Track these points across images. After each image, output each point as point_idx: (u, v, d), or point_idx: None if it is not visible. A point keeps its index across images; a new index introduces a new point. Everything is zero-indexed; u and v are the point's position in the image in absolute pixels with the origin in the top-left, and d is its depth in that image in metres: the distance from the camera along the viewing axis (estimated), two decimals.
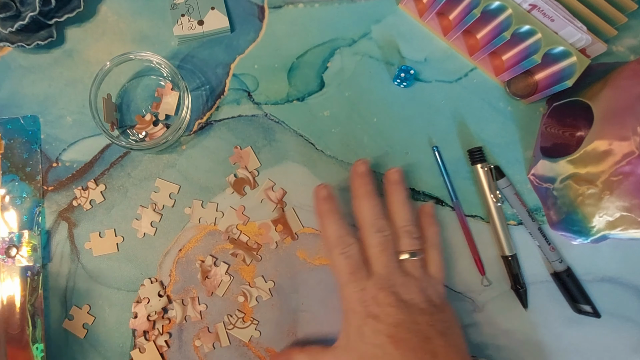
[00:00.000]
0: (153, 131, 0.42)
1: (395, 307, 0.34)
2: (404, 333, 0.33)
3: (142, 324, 0.40)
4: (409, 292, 0.35)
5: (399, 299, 0.34)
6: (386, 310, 0.33)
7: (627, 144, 0.35)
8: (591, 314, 0.41)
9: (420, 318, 0.34)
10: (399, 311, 0.33)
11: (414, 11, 0.46)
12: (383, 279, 0.35)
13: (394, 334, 0.33)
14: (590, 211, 0.38)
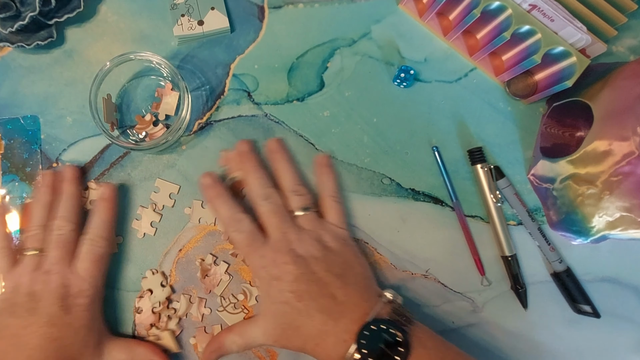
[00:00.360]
0: (153, 131, 0.42)
1: (292, 264, 0.36)
2: (304, 285, 0.35)
3: (147, 318, 0.40)
4: (304, 246, 0.37)
5: (295, 255, 0.36)
6: (285, 269, 0.36)
7: (627, 144, 0.35)
8: (591, 314, 0.41)
9: (317, 267, 0.36)
10: (296, 267, 0.36)
11: (414, 11, 0.46)
12: (278, 241, 0.37)
13: (295, 288, 0.35)
14: (590, 211, 0.38)
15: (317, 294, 0.35)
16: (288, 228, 0.38)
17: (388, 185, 0.43)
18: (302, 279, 0.35)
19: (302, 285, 0.35)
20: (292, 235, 0.37)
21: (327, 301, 0.35)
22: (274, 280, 0.36)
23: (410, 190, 0.43)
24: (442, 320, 0.42)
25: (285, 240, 0.37)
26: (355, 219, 0.43)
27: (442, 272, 0.42)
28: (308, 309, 0.35)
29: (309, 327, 0.35)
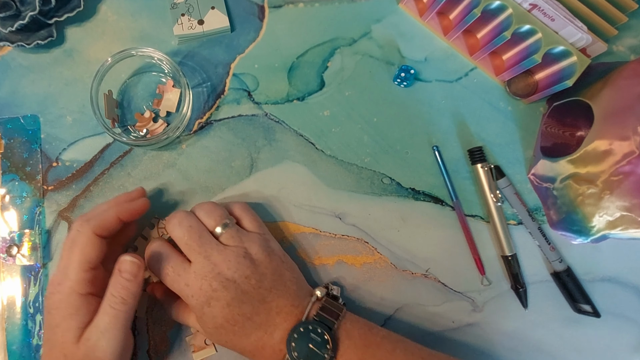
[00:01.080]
0: (153, 128, 0.42)
1: (221, 290, 0.34)
2: (236, 309, 0.34)
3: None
4: (230, 267, 0.34)
5: (224, 279, 0.34)
6: (215, 295, 0.34)
7: (628, 144, 0.35)
8: (591, 314, 0.41)
9: (248, 286, 0.34)
10: (226, 292, 0.34)
11: (414, 11, 0.46)
12: (202, 268, 0.34)
13: (228, 313, 0.34)
14: (590, 211, 0.38)
15: (251, 313, 0.34)
16: (211, 250, 0.35)
17: (388, 184, 0.43)
18: (234, 303, 0.34)
19: (235, 309, 0.34)
20: (217, 257, 0.34)
21: (262, 318, 0.34)
22: (205, 307, 0.34)
23: (410, 189, 0.43)
24: (442, 320, 0.42)
25: (210, 265, 0.34)
26: (355, 218, 0.43)
27: (442, 271, 0.42)
28: (244, 330, 0.34)
29: (245, 344, 0.35)
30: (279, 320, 0.35)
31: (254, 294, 0.35)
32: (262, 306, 0.35)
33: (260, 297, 0.35)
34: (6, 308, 0.40)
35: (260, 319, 0.34)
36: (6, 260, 0.40)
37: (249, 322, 0.34)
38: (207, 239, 0.35)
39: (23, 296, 0.40)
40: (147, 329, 0.40)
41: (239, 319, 0.34)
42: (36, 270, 0.40)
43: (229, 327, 0.34)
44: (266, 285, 0.35)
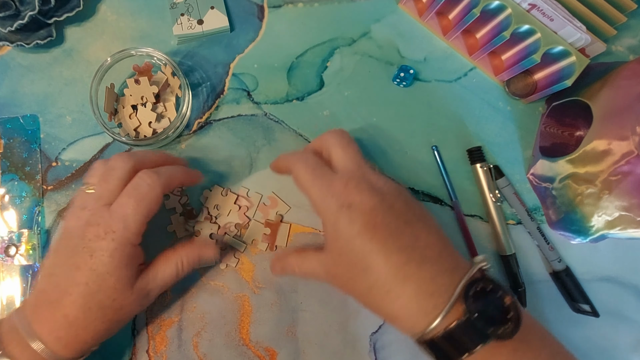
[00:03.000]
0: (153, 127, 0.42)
1: (368, 192, 0.30)
2: (380, 217, 0.29)
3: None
4: (380, 180, 0.32)
5: (370, 185, 0.31)
6: (359, 197, 0.30)
7: (626, 144, 0.35)
8: (590, 313, 0.41)
9: (397, 203, 0.31)
10: (372, 195, 0.30)
11: (414, 11, 0.46)
12: (352, 171, 0.32)
13: (370, 219, 0.29)
14: (589, 211, 0.38)
15: (396, 231, 0.29)
16: (363, 162, 0.33)
17: None
18: (379, 211, 0.29)
19: (379, 217, 0.29)
20: (366, 169, 0.32)
21: (409, 241, 0.29)
22: (344, 209, 0.30)
23: (409, 189, 0.43)
24: None
25: (360, 171, 0.32)
26: None
27: None
28: (384, 246, 0.29)
29: (382, 269, 0.28)
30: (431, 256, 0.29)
31: (402, 212, 0.30)
32: (409, 228, 0.30)
33: (407, 219, 0.30)
34: (5, 308, 0.40)
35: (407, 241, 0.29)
36: (5, 260, 0.40)
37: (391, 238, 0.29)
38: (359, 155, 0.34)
39: (22, 296, 0.40)
40: (147, 329, 0.40)
41: (381, 228, 0.29)
42: (35, 270, 0.40)
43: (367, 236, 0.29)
44: (415, 212, 0.31)
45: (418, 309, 0.28)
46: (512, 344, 0.27)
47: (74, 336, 0.32)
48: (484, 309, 0.27)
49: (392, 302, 0.29)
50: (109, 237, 0.32)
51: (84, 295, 0.32)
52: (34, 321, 0.32)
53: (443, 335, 0.27)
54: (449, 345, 0.28)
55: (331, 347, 0.40)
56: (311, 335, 0.41)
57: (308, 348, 0.40)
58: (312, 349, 0.40)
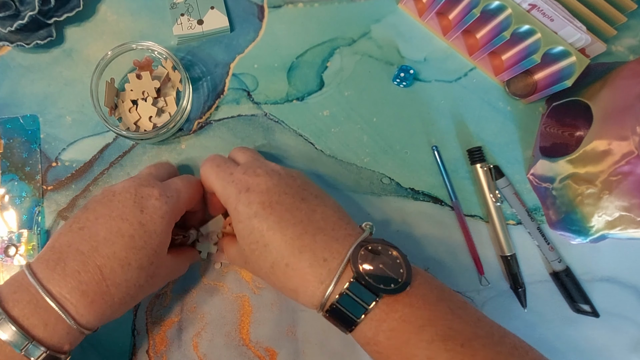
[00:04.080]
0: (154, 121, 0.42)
1: (264, 175, 0.32)
2: (276, 196, 0.31)
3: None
4: (278, 166, 0.34)
5: (268, 169, 0.33)
6: (256, 180, 0.32)
7: (626, 144, 0.35)
8: (590, 314, 0.41)
9: (294, 182, 0.32)
10: (268, 178, 0.32)
11: (414, 11, 0.46)
12: (251, 161, 0.34)
13: (266, 199, 0.31)
14: (589, 211, 0.38)
15: (291, 206, 0.31)
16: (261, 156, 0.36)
17: (387, 184, 0.43)
18: (275, 190, 0.31)
19: (274, 196, 0.31)
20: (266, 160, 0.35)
21: (304, 215, 0.30)
22: (242, 193, 0.31)
23: (409, 189, 0.43)
24: None
25: (258, 161, 0.34)
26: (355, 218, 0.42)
27: (441, 271, 0.42)
28: (280, 222, 0.30)
29: (279, 244, 0.30)
30: (325, 227, 0.30)
31: (297, 190, 0.32)
32: (304, 205, 0.31)
33: (303, 196, 0.32)
34: None
35: (301, 215, 0.30)
36: (5, 260, 0.40)
37: (287, 214, 0.30)
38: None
39: None
40: (147, 329, 0.40)
41: (276, 206, 0.30)
42: None
43: (263, 215, 0.30)
44: (311, 191, 0.32)
45: (314, 277, 0.29)
46: (407, 298, 0.28)
47: (103, 293, 0.30)
48: (373, 267, 0.28)
49: (292, 275, 0.30)
50: (162, 199, 0.33)
51: (128, 248, 0.31)
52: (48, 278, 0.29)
53: (339, 299, 0.28)
54: (346, 309, 0.28)
55: (331, 347, 0.40)
56: (311, 336, 0.41)
57: (308, 348, 0.40)
58: (312, 349, 0.40)
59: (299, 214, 0.30)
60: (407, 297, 0.28)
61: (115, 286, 0.30)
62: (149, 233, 0.32)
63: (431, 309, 0.28)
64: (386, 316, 0.28)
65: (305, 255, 0.29)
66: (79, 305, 0.29)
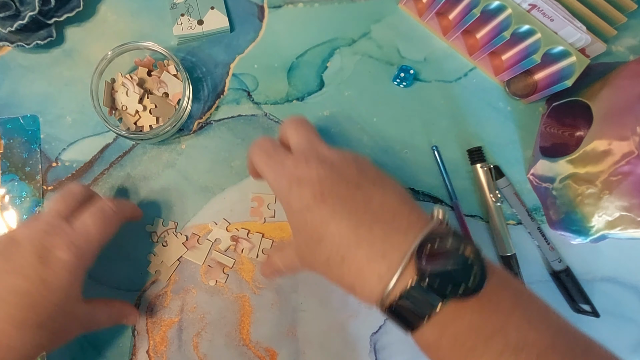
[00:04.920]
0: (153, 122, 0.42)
1: (316, 165, 0.29)
2: (329, 187, 0.28)
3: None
4: (331, 152, 0.31)
5: (320, 158, 0.30)
6: (308, 171, 0.29)
7: (627, 144, 0.35)
8: (590, 314, 0.41)
9: (348, 169, 0.30)
10: (320, 167, 0.29)
11: (414, 11, 0.46)
12: (304, 149, 0.31)
13: (317, 190, 0.28)
14: (590, 211, 0.38)
15: (345, 195, 0.28)
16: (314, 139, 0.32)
17: None
18: (328, 180, 0.29)
19: (327, 186, 0.28)
20: (320, 143, 0.32)
21: (359, 205, 0.28)
22: (294, 185, 0.29)
23: (409, 189, 0.43)
24: None
25: (311, 146, 0.31)
26: None
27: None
28: (333, 213, 0.28)
29: (333, 237, 0.27)
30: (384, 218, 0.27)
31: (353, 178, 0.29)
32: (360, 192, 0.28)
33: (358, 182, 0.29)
34: None
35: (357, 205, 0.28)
36: None
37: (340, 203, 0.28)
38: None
39: None
40: (147, 329, 0.40)
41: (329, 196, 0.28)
42: None
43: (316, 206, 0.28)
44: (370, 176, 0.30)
45: (372, 273, 0.26)
46: (477, 304, 0.25)
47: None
48: (440, 266, 0.25)
49: (348, 270, 0.27)
50: (70, 250, 0.30)
51: (24, 306, 0.29)
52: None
53: (400, 299, 0.25)
54: (408, 310, 0.26)
55: (331, 347, 0.40)
56: (311, 336, 0.41)
57: (308, 348, 0.40)
58: (312, 349, 0.40)
59: (354, 204, 0.28)
60: (477, 302, 0.25)
61: (8, 350, 0.28)
62: (51, 290, 0.29)
63: (504, 317, 0.25)
64: (452, 321, 0.25)
65: (362, 249, 0.27)
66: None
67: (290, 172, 0.30)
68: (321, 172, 0.29)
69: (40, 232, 0.30)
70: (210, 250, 0.41)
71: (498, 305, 0.26)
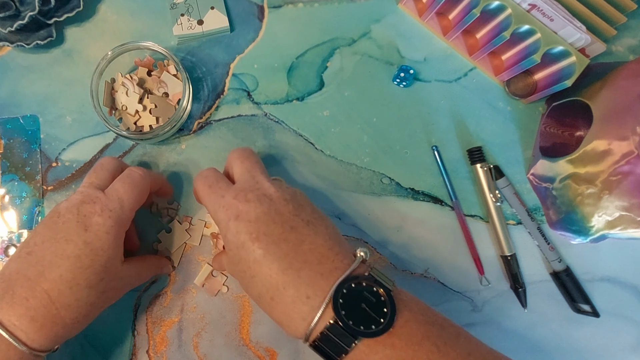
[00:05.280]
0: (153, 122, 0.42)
1: (255, 201, 0.31)
2: (265, 227, 0.30)
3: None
4: (272, 188, 0.32)
5: (260, 195, 0.32)
6: (245, 207, 0.31)
7: (626, 144, 0.35)
8: (590, 314, 0.41)
9: (285, 208, 0.31)
10: (258, 205, 0.31)
11: (414, 11, 0.46)
12: (245, 182, 0.33)
13: (254, 229, 0.30)
14: (590, 211, 0.38)
15: (278, 238, 0.30)
16: (258, 173, 0.34)
17: (388, 184, 0.43)
18: (264, 220, 0.30)
19: (262, 227, 0.30)
20: (263, 178, 0.33)
21: (291, 248, 0.30)
22: (232, 221, 0.31)
23: (409, 189, 0.43)
24: None
25: (253, 181, 0.33)
26: (355, 218, 0.43)
27: (442, 271, 0.42)
28: (266, 255, 0.30)
29: (264, 277, 0.30)
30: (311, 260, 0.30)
31: (288, 218, 0.31)
32: (293, 235, 0.30)
33: (293, 225, 0.31)
34: None
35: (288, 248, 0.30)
36: (5, 261, 0.40)
37: (273, 246, 0.30)
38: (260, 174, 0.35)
39: None
40: (147, 329, 0.40)
41: (263, 238, 0.30)
42: None
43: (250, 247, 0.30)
44: (304, 217, 0.31)
45: (297, 314, 0.29)
46: (389, 339, 0.28)
47: (53, 316, 0.30)
48: (353, 309, 0.28)
49: (276, 308, 0.30)
50: (105, 214, 0.33)
51: (74, 268, 0.31)
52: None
53: (320, 338, 0.28)
54: (327, 347, 0.28)
55: None
56: None
57: (308, 348, 0.40)
58: None
59: (286, 247, 0.30)
60: (389, 337, 0.28)
61: (65, 308, 0.31)
62: (95, 251, 0.32)
63: (414, 348, 0.28)
64: (366, 357, 0.28)
65: (289, 290, 0.29)
66: (29, 330, 0.30)
67: (229, 205, 0.32)
68: (259, 210, 0.31)
69: (77, 202, 0.33)
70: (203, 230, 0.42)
71: (409, 338, 0.28)
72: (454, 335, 0.30)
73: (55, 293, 0.30)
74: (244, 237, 0.30)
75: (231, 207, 0.31)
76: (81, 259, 0.31)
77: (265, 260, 0.30)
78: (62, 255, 0.31)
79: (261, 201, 0.31)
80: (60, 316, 0.31)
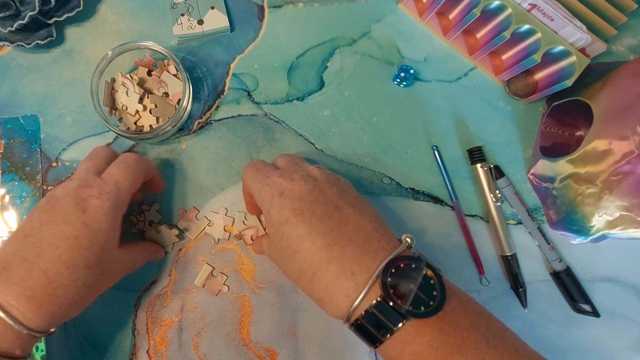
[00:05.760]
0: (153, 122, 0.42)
1: (299, 181, 0.32)
2: (308, 204, 0.30)
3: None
4: (316, 170, 0.33)
5: (305, 174, 0.32)
6: (290, 185, 0.31)
7: (627, 144, 0.35)
8: (590, 314, 0.41)
9: (329, 189, 0.32)
10: (303, 183, 0.31)
11: (414, 11, 0.46)
12: (289, 165, 0.34)
13: (298, 206, 0.30)
14: (590, 210, 0.38)
15: (323, 215, 0.30)
16: (301, 160, 0.35)
17: (388, 184, 0.43)
18: (308, 198, 0.31)
19: (306, 204, 0.30)
20: (306, 163, 0.35)
21: (335, 224, 0.30)
22: (275, 197, 0.31)
23: (410, 189, 0.43)
24: None
25: (298, 165, 0.34)
26: None
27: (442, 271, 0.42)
28: (310, 230, 0.30)
29: (307, 253, 0.30)
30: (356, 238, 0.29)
31: (332, 198, 0.31)
32: (337, 213, 0.30)
33: (337, 204, 0.31)
34: None
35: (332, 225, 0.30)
36: None
37: (317, 222, 0.30)
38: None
39: None
40: (148, 329, 0.40)
41: (307, 214, 0.30)
42: None
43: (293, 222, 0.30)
44: (348, 199, 0.32)
45: (340, 290, 0.29)
46: (437, 323, 0.27)
47: (50, 296, 0.30)
48: (402, 287, 0.27)
49: (318, 284, 0.30)
50: (103, 197, 0.33)
51: (73, 249, 0.31)
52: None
53: (364, 316, 0.28)
54: (371, 326, 0.28)
55: (331, 347, 0.40)
56: (311, 335, 0.41)
57: (308, 348, 0.40)
58: (312, 349, 0.40)
59: (330, 224, 0.30)
60: (437, 321, 0.27)
61: (63, 288, 0.31)
62: (94, 232, 0.32)
63: (463, 336, 0.27)
64: (412, 339, 0.27)
65: (332, 266, 0.29)
66: (26, 310, 0.29)
67: (274, 183, 0.32)
68: (303, 188, 0.31)
69: (74, 186, 0.33)
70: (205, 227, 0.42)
71: (457, 325, 0.27)
72: (501, 330, 0.29)
73: (53, 273, 0.30)
74: (288, 212, 0.30)
75: (276, 184, 0.32)
76: (80, 240, 0.31)
77: (309, 236, 0.30)
78: (60, 237, 0.31)
79: (306, 180, 0.32)
80: (57, 296, 0.30)
